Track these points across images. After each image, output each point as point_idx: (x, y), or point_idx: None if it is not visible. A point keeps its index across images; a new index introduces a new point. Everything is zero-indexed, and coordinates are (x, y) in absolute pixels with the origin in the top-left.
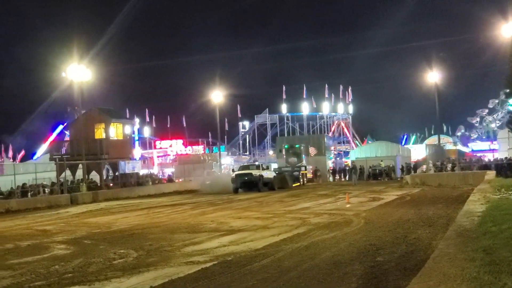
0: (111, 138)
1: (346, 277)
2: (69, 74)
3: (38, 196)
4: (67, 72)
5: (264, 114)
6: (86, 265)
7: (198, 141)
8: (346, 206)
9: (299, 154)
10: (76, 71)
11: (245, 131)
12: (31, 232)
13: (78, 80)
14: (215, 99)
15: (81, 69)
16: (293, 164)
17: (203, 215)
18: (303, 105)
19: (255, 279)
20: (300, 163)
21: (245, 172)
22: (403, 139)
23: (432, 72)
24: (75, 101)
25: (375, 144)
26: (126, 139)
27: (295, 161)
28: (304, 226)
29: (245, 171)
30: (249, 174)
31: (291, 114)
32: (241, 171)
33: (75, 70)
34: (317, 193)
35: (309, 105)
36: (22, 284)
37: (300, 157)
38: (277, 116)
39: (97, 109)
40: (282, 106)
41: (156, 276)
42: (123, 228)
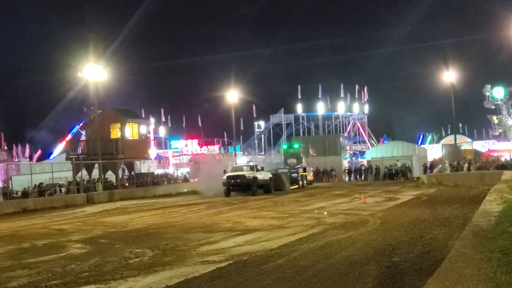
0: (127, 138)
1: (362, 277)
2: (85, 74)
3: (55, 196)
4: (83, 72)
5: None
6: (102, 264)
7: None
8: (361, 206)
9: (298, 155)
10: (92, 71)
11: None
12: (48, 231)
13: (94, 80)
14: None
15: (97, 69)
16: (292, 165)
17: (219, 214)
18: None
19: (270, 279)
20: (299, 164)
21: (238, 173)
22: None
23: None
24: (91, 101)
25: (391, 144)
26: (142, 139)
27: (294, 162)
28: (320, 226)
29: (237, 172)
30: (242, 176)
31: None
32: (233, 173)
33: (91, 70)
34: (332, 193)
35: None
36: (39, 283)
37: (300, 158)
38: (292, 116)
39: (113, 109)
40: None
41: (171, 276)
42: (138, 228)
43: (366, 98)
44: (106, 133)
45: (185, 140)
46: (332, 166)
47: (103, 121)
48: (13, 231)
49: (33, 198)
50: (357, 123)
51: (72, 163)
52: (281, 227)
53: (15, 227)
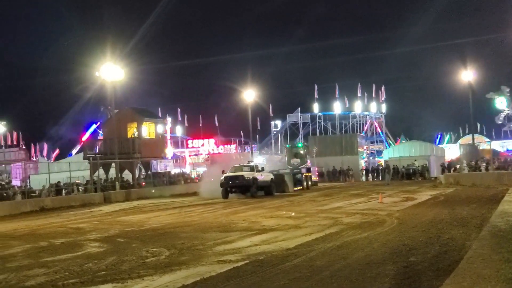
0: (144, 137)
1: (379, 277)
2: (103, 73)
3: (72, 195)
4: (101, 71)
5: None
6: (119, 263)
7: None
8: (379, 206)
9: (302, 155)
10: (109, 71)
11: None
12: (65, 230)
13: (111, 80)
14: (247, 98)
15: (114, 68)
16: (296, 165)
17: (235, 214)
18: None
19: (287, 279)
20: (303, 165)
21: (236, 174)
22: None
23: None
24: (108, 100)
25: (408, 143)
26: (159, 138)
27: (298, 162)
28: (336, 226)
29: (236, 173)
30: (241, 176)
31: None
32: (231, 173)
33: (108, 69)
34: (349, 192)
35: (341, 104)
36: (56, 281)
37: (304, 158)
38: (309, 115)
39: (129, 108)
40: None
41: (188, 275)
42: (155, 227)
43: (383, 97)
44: (123, 133)
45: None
46: (349, 165)
47: (120, 120)
48: (31, 229)
49: (51, 197)
50: (374, 122)
51: (90, 162)
52: (297, 227)
53: (33, 225)
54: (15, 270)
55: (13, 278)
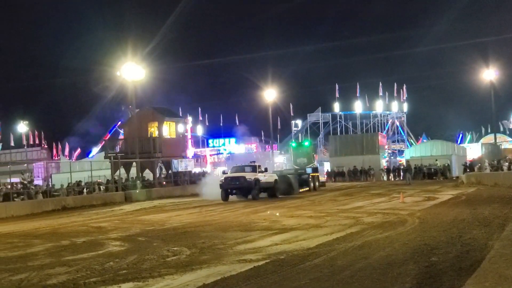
0: (164, 137)
1: (400, 277)
2: (123, 73)
3: (93, 194)
4: (122, 71)
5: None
6: (140, 262)
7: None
8: (400, 206)
9: (309, 154)
10: (130, 70)
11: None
12: (87, 229)
13: (132, 79)
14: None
15: (135, 68)
16: (302, 165)
17: (256, 213)
18: (356, 104)
19: (307, 278)
20: (310, 164)
21: (237, 175)
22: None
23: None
24: (129, 100)
25: (430, 143)
26: (179, 138)
27: (305, 161)
28: (357, 225)
29: (236, 173)
30: (242, 177)
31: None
32: (232, 174)
33: (129, 69)
34: (370, 192)
35: (362, 104)
36: (78, 280)
37: (310, 157)
38: (329, 114)
39: (150, 108)
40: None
41: (208, 274)
42: (176, 226)
43: (404, 97)
44: (144, 132)
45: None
46: (370, 165)
47: (141, 119)
48: (52, 228)
49: (72, 196)
50: (395, 121)
51: (111, 162)
52: (318, 226)
53: (55, 224)
54: (37, 269)
55: (35, 277)
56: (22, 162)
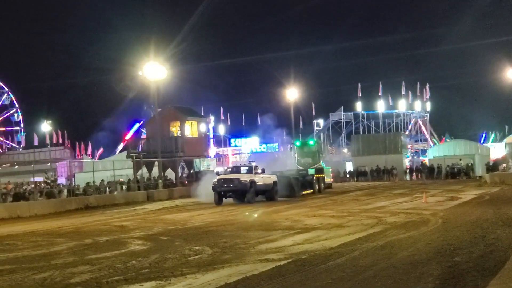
0: (186, 136)
1: (423, 277)
2: (146, 72)
3: (116, 193)
4: (144, 70)
5: (339, 112)
6: (162, 261)
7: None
8: (423, 205)
9: (314, 153)
10: (152, 70)
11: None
12: (109, 228)
13: (154, 79)
14: (290, 97)
15: (157, 67)
16: (306, 165)
17: (277, 213)
18: (379, 103)
19: (330, 278)
20: (315, 164)
21: (230, 176)
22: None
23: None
24: (151, 99)
25: (453, 142)
26: (201, 137)
27: (310, 161)
28: (380, 225)
29: (230, 175)
30: (236, 179)
31: (366, 112)
32: (225, 176)
33: (151, 68)
34: (393, 192)
35: (385, 103)
36: (100, 279)
37: (316, 156)
38: (352, 114)
39: (172, 107)
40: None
41: (230, 273)
42: (198, 225)
43: (427, 96)
44: (166, 131)
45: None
46: (393, 165)
47: (163, 119)
48: (76, 227)
49: (95, 195)
50: (418, 121)
51: (133, 161)
52: (340, 226)
53: (78, 223)
54: (60, 267)
55: (58, 275)
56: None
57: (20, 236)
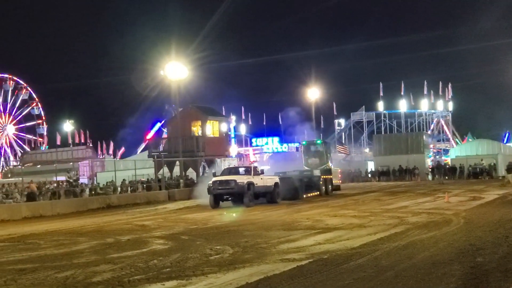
0: (208, 136)
1: (445, 277)
2: (167, 72)
3: (137, 192)
4: (165, 70)
5: (360, 111)
6: (184, 260)
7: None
8: (445, 205)
9: (321, 154)
10: (173, 69)
11: (341, 128)
12: (131, 227)
13: (175, 78)
14: (311, 97)
15: (178, 67)
16: (313, 166)
17: (298, 212)
18: (401, 102)
19: (351, 278)
20: (323, 165)
21: (227, 178)
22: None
23: None
24: (173, 99)
25: (475, 142)
26: (222, 137)
27: (317, 162)
28: (402, 225)
29: (227, 177)
30: (232, 181)
31: (388, 111)
32: (221, 177)
33: (172, 68)
34: (415, 191)
35: (407, 102)
36: (122, 278)
37: (324, 157)
38: (373, 113)
39: (194, 107)
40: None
41: (252, 273)
42: (219, 225)
43: (450, 95)
44: (187, 131)
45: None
46: (415, 165)
47: (184, 118)
48: (98, 226)
49: (117, 194)
50: (441, 120)
51: (154, 160)
52: (362, 226)
53: (100, 222)
54: (82, 266)
55: (80, 274)
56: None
57: (42, 235)
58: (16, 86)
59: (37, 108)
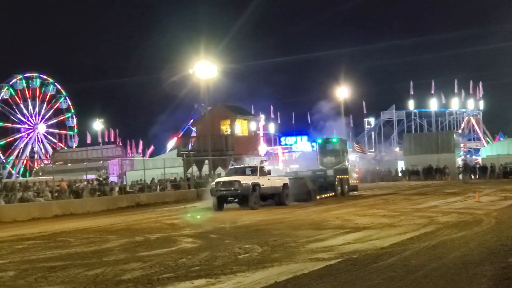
0: (237, 134)
1: (476, 278)
2: (196, 71)
3: (166, 191)
4: (194, 69)
5: (390, 110)
6: (212, 259)
7: None
8: (476, 205)
9: (338, 152)
10: (202, 68)
11: (370, 127)
12: (160, 226)
13: (204, 77)
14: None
15: (207, 66)
16: (329, 165)
17: (327, 211)
18: (431, 101)
19: (381, 278)
20: (339, 164)
21: (230, 179)
22: None
23: None
24: (202, 97)
25: (507, 141)
26: (251, 135)
27: (333, 161)
28: (432, 225)
29: (230, 177)
30: (236, 182)
31: (418, 110)
32: (224, 178)
33: (201, 67)
34: (445, 191)
35: (437, 101)
36: (151, 276)
37: (340, 155)
38: (404, 112)
39: (223, 106)
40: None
41: (280, 272)
42: (247, 224)
43: (481, 94)
44: (216, 130)
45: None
46: (445, 164)
47: (213, 117)
48: (127, 224)
49: (146, 193)
50: (471, 119)
51: (183, 159)
52: (392, 226)
53: (129, 220)
54: (112, 264)
55: (110, 272)
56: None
57: (73, 233)
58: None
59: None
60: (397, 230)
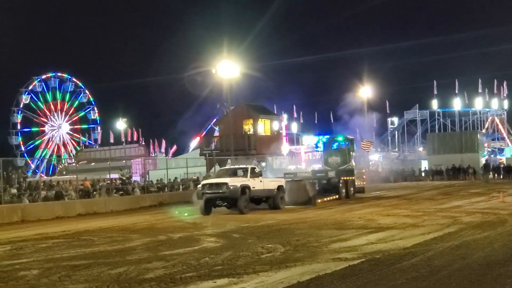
0: (259, 134)
1: (500, 279)
2: (219, 70)
3: (189, 190)
4: (217, 68)
5: (414, 110)
6: (235, 258)
7: None
8: (500, 205)
9: (343, 152)
10: (225, 68)
11: (394, 127)
12: (183, 225)
13: (227, 77)
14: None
15: (230, 65)
16: (334, 166)
17: (350, 211)
18: (455, 101)
19: (404, 278)
20: (345, 165)
21: (217, 181)
22: None
23: None
24: (224, 97)
25: None
26: (274, 135)
27: (338, 161)
28: (456, 225)
29: (217, 179)
30: (223, 184)
31: (442, 109)
32: (211, 180)
33: (224, 66)
34: (469, 191)
35: (461, 101)
36: (174, 275)
37: (346, 155)
38: (427, 112)
39: (245, 105)
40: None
41: (303, 272)
42: (270, 223)
43: (505, 93)
44: (238, 129)
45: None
46: (469, 164)
47: (235, 117)
48: (150, 224)
49: (168, 192)
50: (495, 119)
51: (206, 159)
52: (415, 226)
53: (152, 220)
54: (135, 263)
55: (133, 271)
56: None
57: (96, 232)
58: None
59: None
60: (420, 230)
